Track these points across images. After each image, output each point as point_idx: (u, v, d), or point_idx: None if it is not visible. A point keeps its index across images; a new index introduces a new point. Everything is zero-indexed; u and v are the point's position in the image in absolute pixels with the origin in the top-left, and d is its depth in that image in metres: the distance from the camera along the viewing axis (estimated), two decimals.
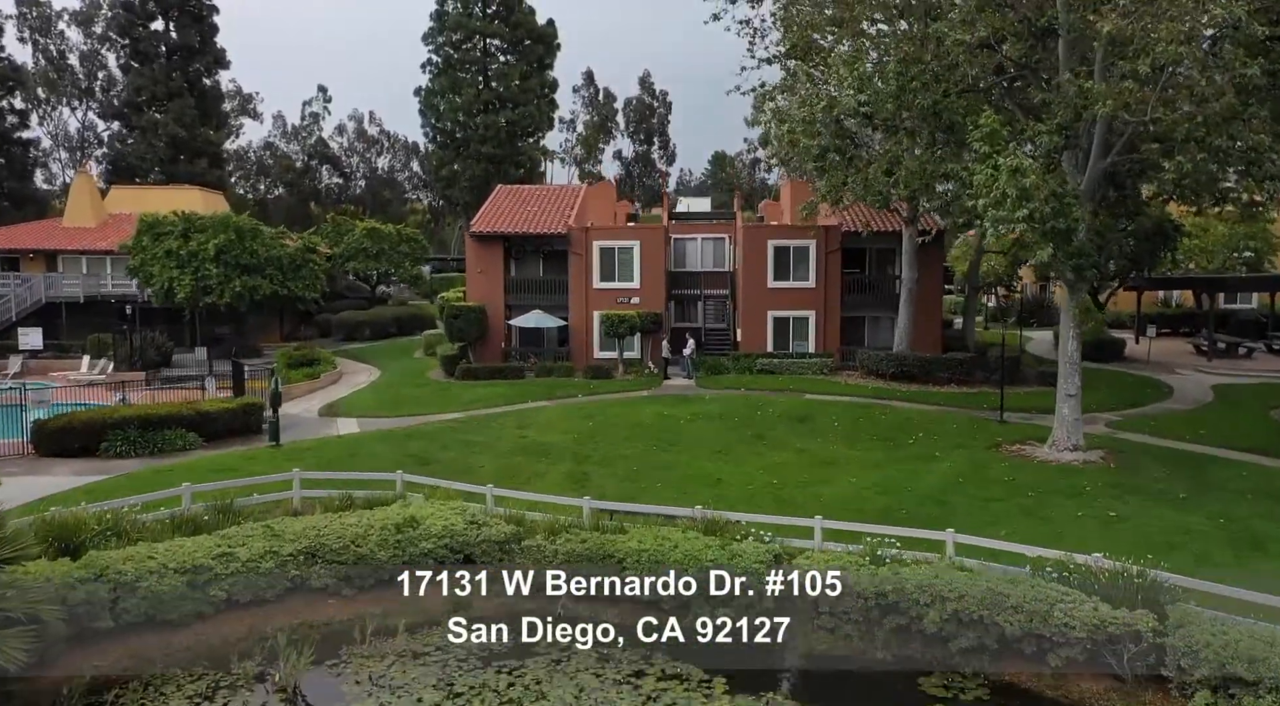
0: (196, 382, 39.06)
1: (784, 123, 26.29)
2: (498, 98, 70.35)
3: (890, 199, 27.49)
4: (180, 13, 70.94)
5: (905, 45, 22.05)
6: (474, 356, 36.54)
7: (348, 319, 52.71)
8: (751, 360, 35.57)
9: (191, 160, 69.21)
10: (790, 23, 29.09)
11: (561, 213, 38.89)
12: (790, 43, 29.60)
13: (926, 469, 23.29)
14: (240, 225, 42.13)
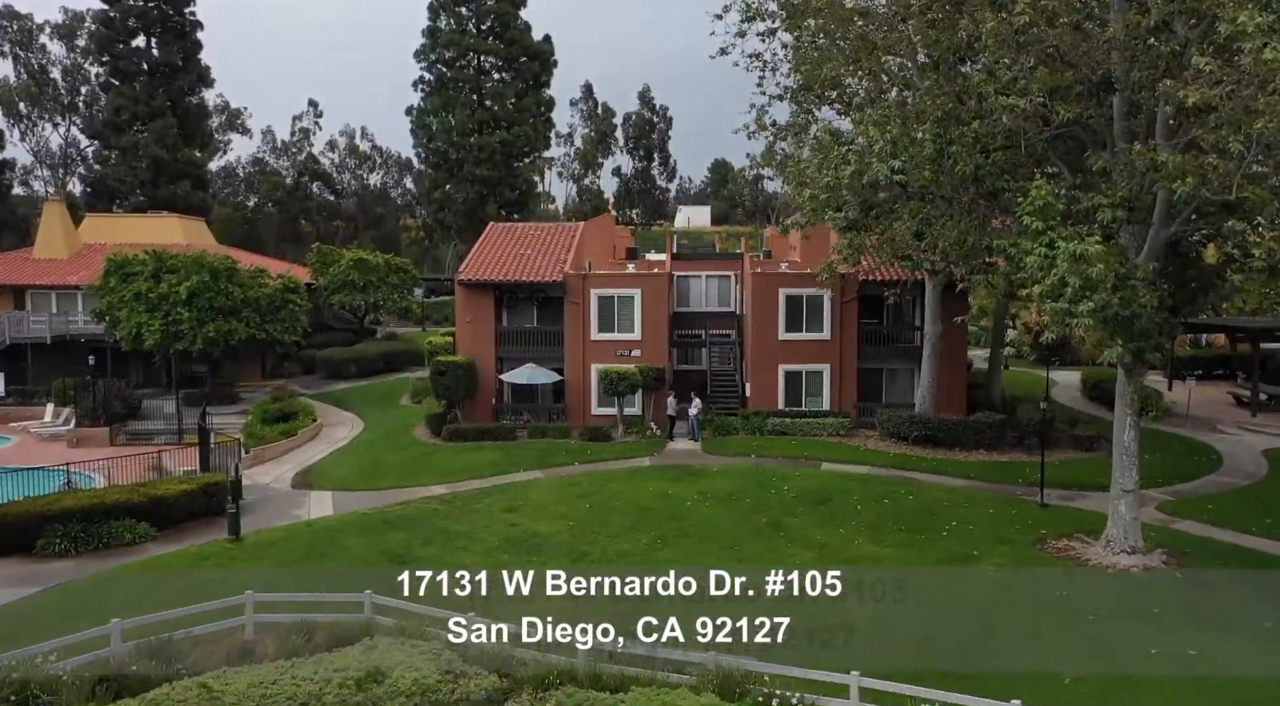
0: (164, 437, 36.59)
1: (804, 187, 23.64)
2: (492, 117, 67.70)
3: (920, 264, 24.84)
4: (163, 29, 68.32)
5: (940, 99, 19.41)
6: (462, 413, 33.87)
7: (333, 356, 50.04)
8: (762, 419, 32.92)
9: (174, 182, 66.50)
10: (803, 59, 26.50)
11: (557, 255, 36.25)
12: (803, 80, 27.03)
13: (965, 576, 20.65)
14: (215, 265, 39.45)
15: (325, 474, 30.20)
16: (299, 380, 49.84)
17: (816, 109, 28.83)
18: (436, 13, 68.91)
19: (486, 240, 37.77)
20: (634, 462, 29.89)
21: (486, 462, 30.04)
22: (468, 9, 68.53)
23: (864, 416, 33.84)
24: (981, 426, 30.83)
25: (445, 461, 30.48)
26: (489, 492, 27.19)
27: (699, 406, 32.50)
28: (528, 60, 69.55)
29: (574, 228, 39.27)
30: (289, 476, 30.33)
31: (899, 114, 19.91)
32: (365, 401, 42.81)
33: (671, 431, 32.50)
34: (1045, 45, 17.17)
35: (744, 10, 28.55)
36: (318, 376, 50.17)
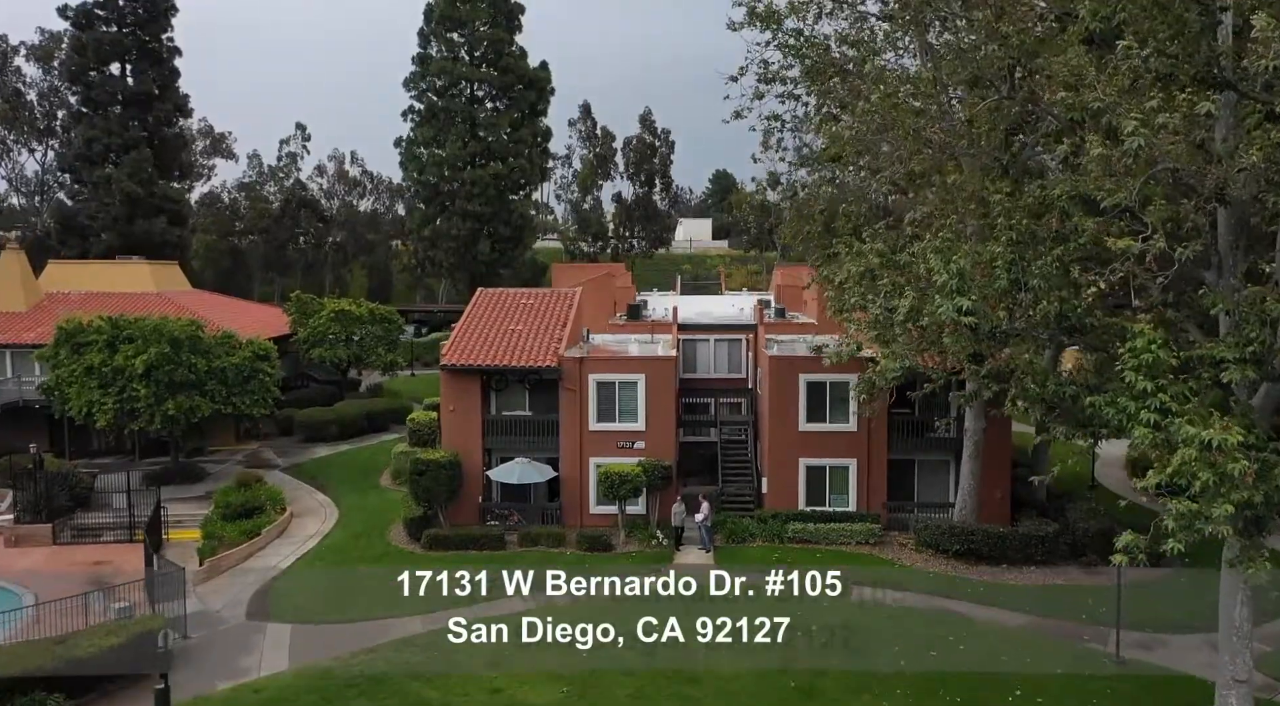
0: (114, 534, 32.95)
1: (843, 313, 20.17)
2: (485, 149, 64.20)
3: (980, 397, 21.23)
4: (138, 56, 64.77)
5: (1017, 216, 15.82)
6: (445, 515, 30.23)
7: (313, 417, 46.37)
8: (781, 524, 29.30)
9: (149, 219, 62.89)
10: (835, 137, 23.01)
11: (551, 331, 32.64)
12: (833, 153, 23.54)
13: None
14: (176, 334, 35.79)
15: (287, 595, 26.57)
16: (275, 442, 46.24)
17: (841, 172, 25.43)
18: (427, 39, 65.54)
19: (473, 313, 34.14)
20: (639, 584, 26.20)
21: (472, 583, 26.37)
22: (459, 35, 65.14)
23: (894, 514, 30.29)
24: (1032, 540, 27.21)
25: (424, 581, 26.79)
26: (473, 630, 23.51)
27: (708, 513, 28.86)
28: (523, 89, 66.13)
29: (570, 295, 35.66)
30: (246, 597, 26.66)
31: (963, 233, 16.40)
32: (343, 477, 39.16)
33: (679, 540, 28.85)
34: (1163, 170, 13.59)
35: (761, 73, 25.18)
36: (295, 439, 46.56)
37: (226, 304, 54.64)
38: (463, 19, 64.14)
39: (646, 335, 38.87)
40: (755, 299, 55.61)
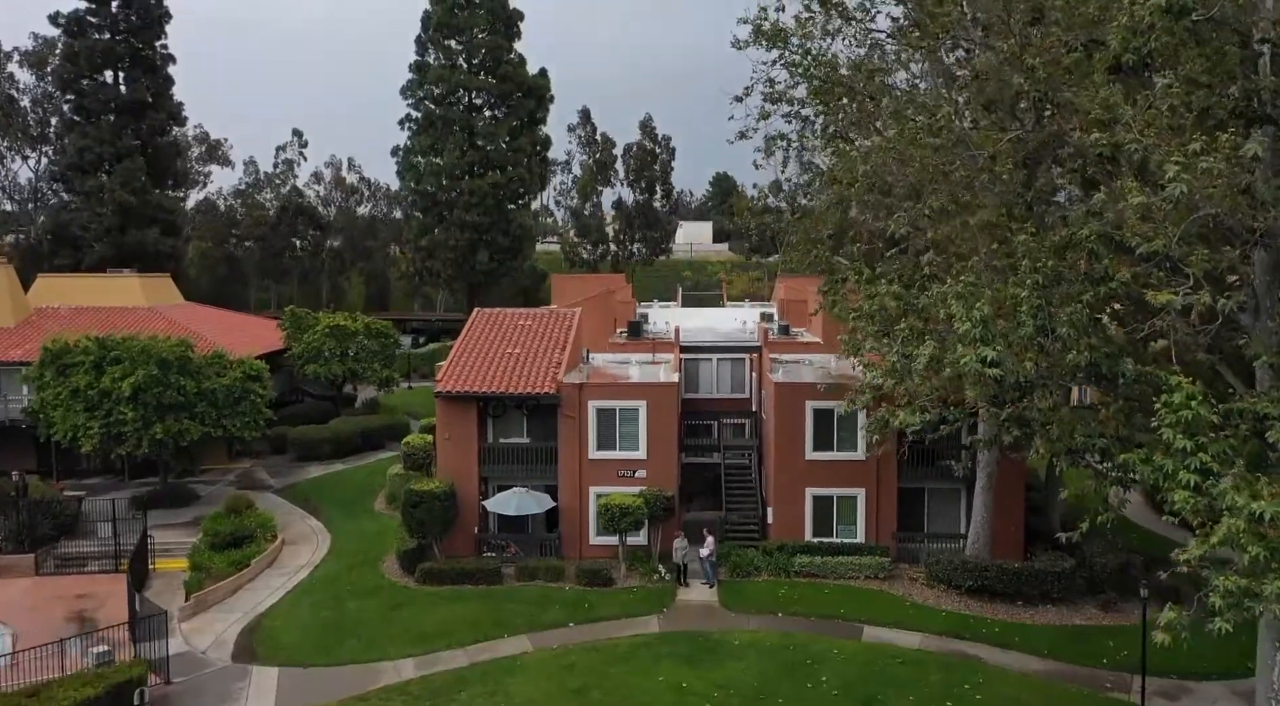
0: (99, 563, 31.94)
1: (857, 352, 19.15)
2: (484, 158, 63.20)
3: (999, 441, 20.24)
4: (131, 64, 63.77)
5: (1042, 257, 14.82)
6: (439, 548, 29.26)
7: (306, 436, 45.40)
8: (787, 556, 28.32)
9: (141, 229, 61.89)
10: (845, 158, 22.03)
11: (550, 354, 31.65)
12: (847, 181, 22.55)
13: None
14: (165, 356, 34.81)
15: (275, 635, 25.55)
16: (268, 461, 45.29)
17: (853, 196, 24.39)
18: (425, 47, 64.58)
19: (469, 335, 33.15)
20: (640, 625, 25.26)
21: (465, 622, 25.43)
22: (457, 42, 64.17)
23: (904, 544, 29.33)
24: (1048, 577, 26.21)
25: (417, 618, 25.85)
26: (466, 679, 22.56)
27: (712, 547, 27.86)
28: (522, 97, 65.13)
29: (569, 316, 34.68)
30: (232, 635, 25.68)
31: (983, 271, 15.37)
32: (336, 500, 38.20)
33: (682, 576, 27.82)
34: (1206, 216, 12.61)
35: (767, 93, 24.22)
36: (288, 457, 45.61)
37: (219, 317, 53.68)
38: (461, 26, 63.18)
39: (648, 354, 37.94)
40: (758, 312, 54.68)
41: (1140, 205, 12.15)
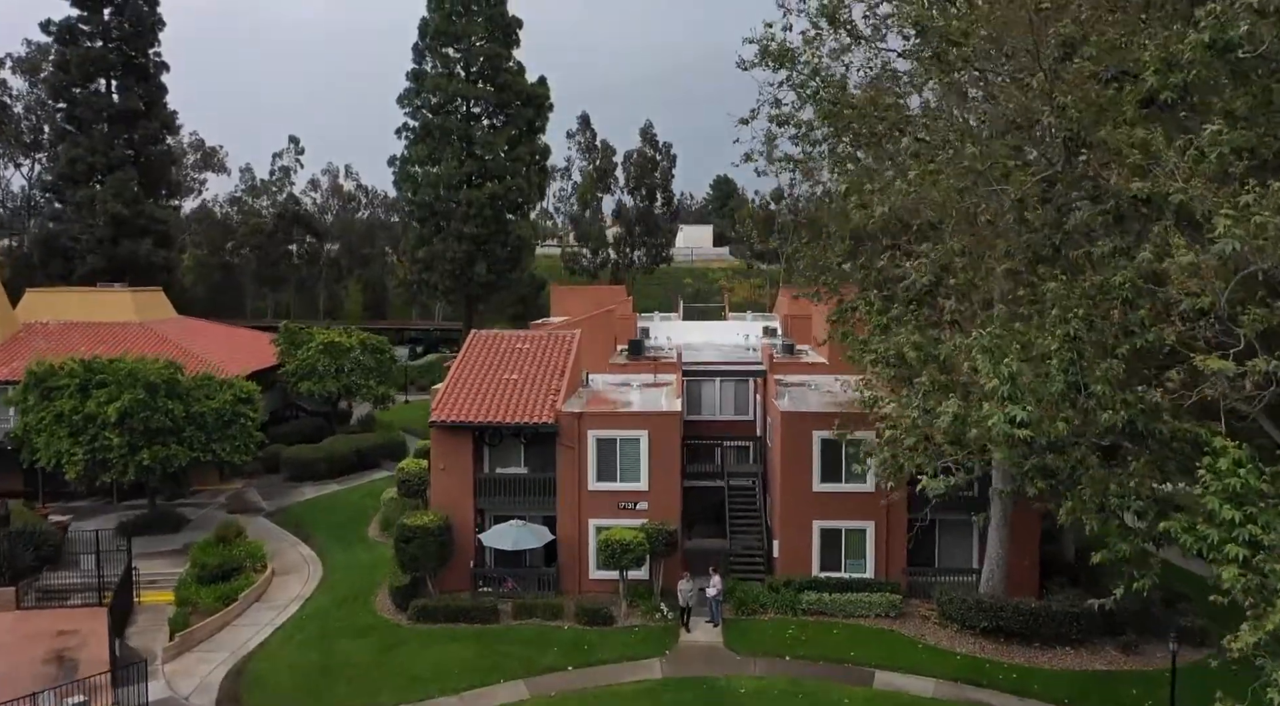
0: (83, 596, 30.92)
1: (874, 404, 18.15)
2: (482, 168, 62.14)
3: (1023, 494, 19.21)
4: (124, 72, 62.78)
5: (1073, 305, 13.82)
6: (433, 583, 28.26)
7: (300, 455, 44.42)
8: (794, 593, 27.32)
9: (134, 240, 60.90)
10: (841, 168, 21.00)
11: (548, 379, 30.66)
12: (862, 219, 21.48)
13: None
14: (152, 379, 33.83)
15: (262, 679, 24.54)
16: (261, 481, 44.29)
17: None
18: (422, 55, 63.53)
19: (465, 360, 32.15)
20: (642, 669, 24.27)
21: (460, 665, 24.43)
22: (455, 50, 63.13)
23: (915, 578, 28.33)
24: (1065, 618, 25.21)
25: (409, 661, 24.85)
26: None
27: (719, 586, 26.85)
28: (521, 105, 64.08)
29: (568, 339, 33.68)
30: (217, 679, 24.70)
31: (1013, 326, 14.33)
32: (329, 526, 37.21)
33: (686, 618, 26.76)
34: (1257, 270, 11.61)
35: (774, 116, 23.23)
36: (281, 477, 44.64)
37: (211, 331, 52.72)
38: (459, 34, 62.17)
39: (649, 375, 37.02)
40: (761, 327, 53.72)
41: (1189, 264, 11.18)
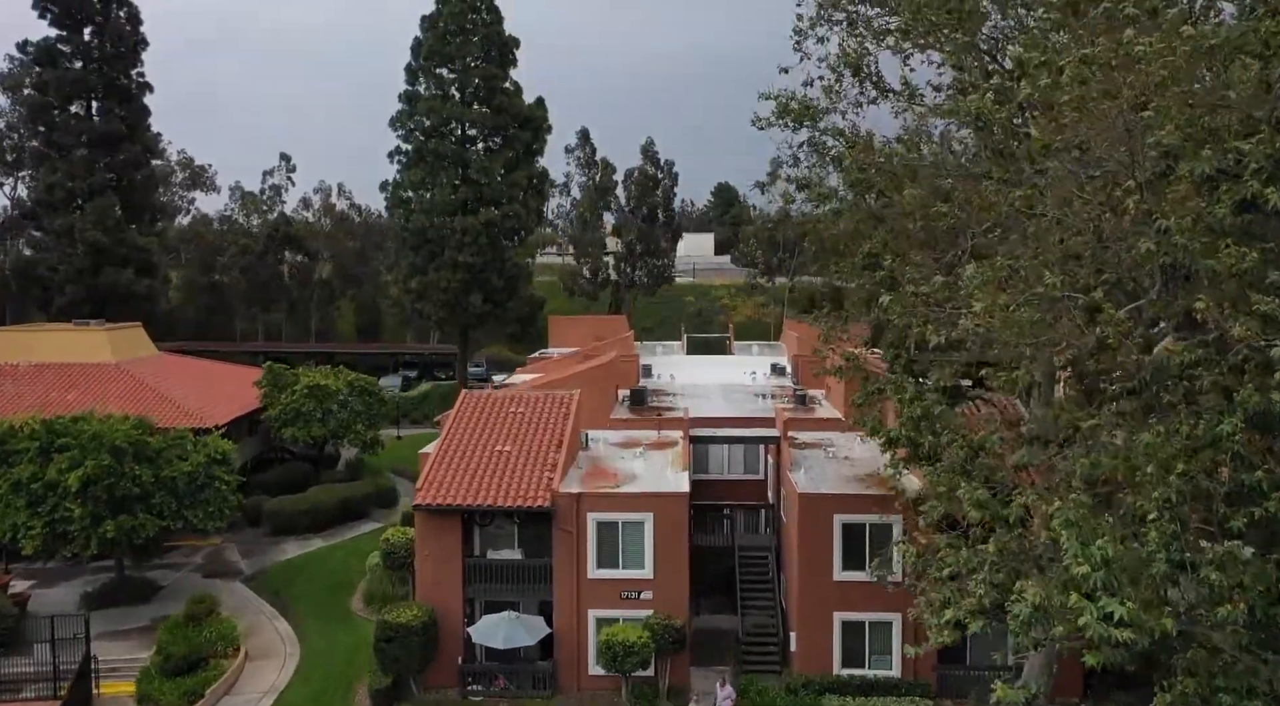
0: (36, 688, 28.46)
1: (921, 574, 15.73)
2: (478, 194, 59.67)
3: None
4: (106, 94, 60.39)
5: (1169, 458, 11.38)
6: (418, 684, 25.80)
7: (284, 508, 42.00)
8: (814, 696, 24.89)
9: (116, 270, 58.44)
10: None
11: (545, 452, 28.20)
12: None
13: None
14: (119, 443, 31.38)
15: None
16: (240, 536, 41.83)
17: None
18: (415, 76, 61.06)
19: (455, 427, 29.68)
20: None
21: None
22: (449, 71, 60.67)
23: (947, 674, 25.88)
24: None
25: None
26: None
27: (732, 697, 24.40)
28: (518, 129, 61.61)
29: (566, 401, 31.22)
30: None
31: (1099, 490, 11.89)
32: (310, 595, 34.78)
33: None
34: None
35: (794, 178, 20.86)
36: (263, 530, 42.18)
37: (192, 370, 50.27)
38: (453, 55, 59.74)
39: (653, 432, 34.70)
40: (769, 363, 51.36)
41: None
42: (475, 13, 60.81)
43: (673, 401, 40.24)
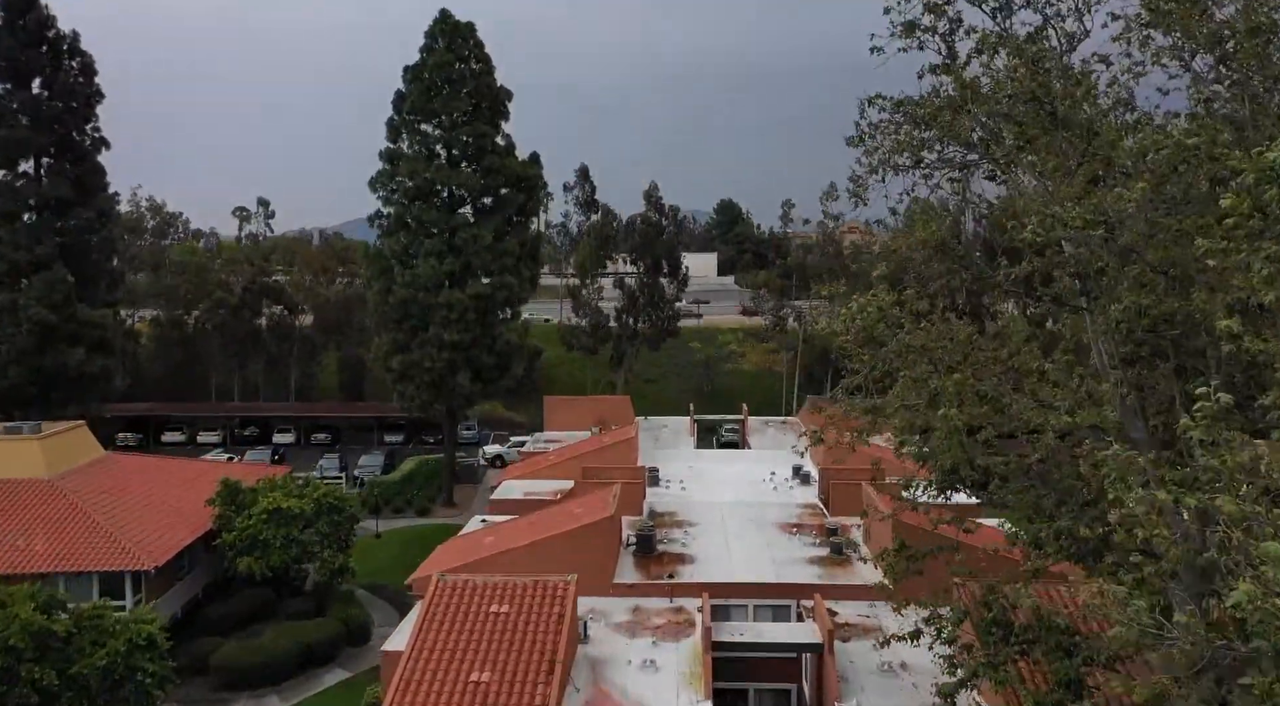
0: None
1: None
2: (466, 265, 54.06)
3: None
4: (57, 153, 54.78)
5: None
6: None
7: (232, 660, 36.24)
8: None
9: (65, 349, 52.77)
10: None
11: (530, 676, 22.50)
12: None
13: None
14: (15, 642, 25.73)
15: None
16: (182, 691, 35.94)
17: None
18: (397, 132, 55.55)
19: (420, 640, 23.87)
20: None
21: None
22: (434, 126, 55.12)
23: None
24: None
25: None
26: None
27: None
28: (511, 191, 56.04)
29: (560, 593, 25.49)
30: None
31: None
32: None
33: None
34: None
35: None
36: (209, 685, 36.44)
37: (140, 478, 44.44)
38: (438, 110, 54.18)
39: (664, 599, 29.25)
40: (790, 467, 45.74)
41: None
42: (463, 62, 55.37)
43: (685, 541, 34.71)
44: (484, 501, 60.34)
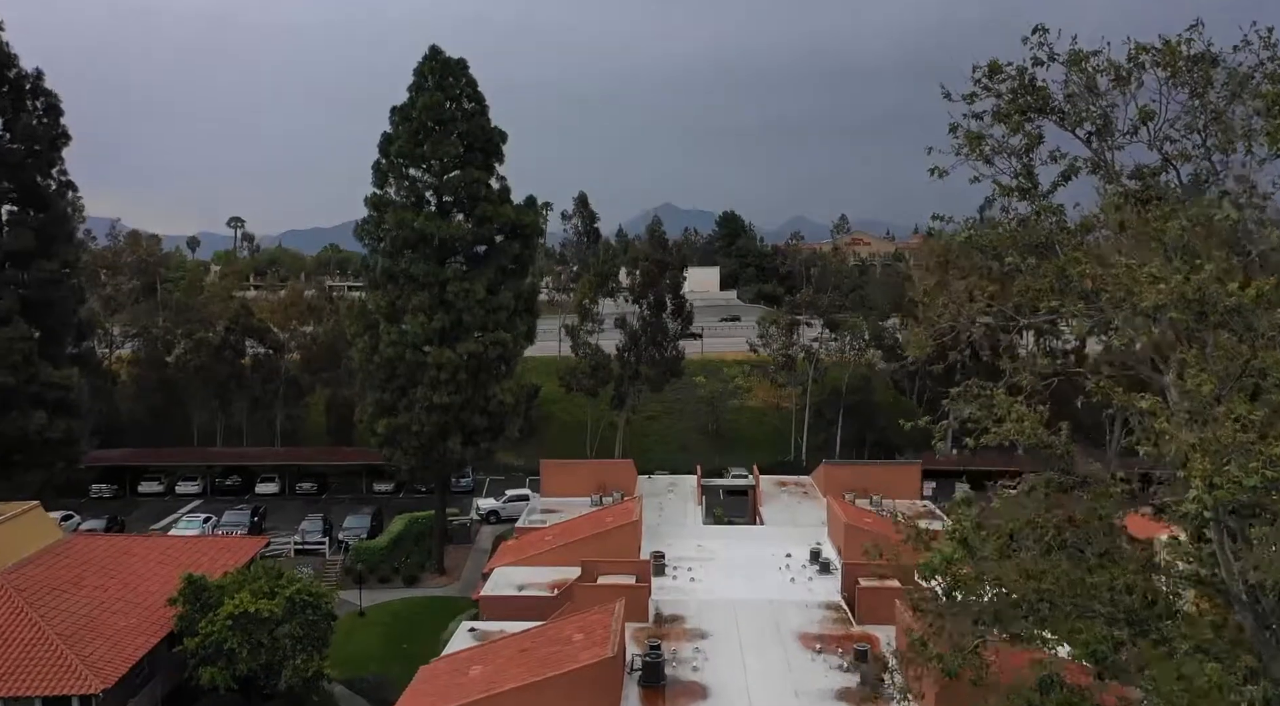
0: None
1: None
2: (457, 320, 50.34)
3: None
4: (20, 202, 51.07)
5: None
6: None
7: None
8: None
9: (25, 414, 49.01)
10: None
11: None
12: None
13: None
14: None
15: None
16: None
17: None
18: (384, 177, 51.82)
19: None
20: None
21: None
22: (423, 171, 51.43)
23: None
24: None
25: None
26: None
27: None
28: (506, 240, 52.35)
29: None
30: None
31: None
32: None
33: None
34: None
35: None
36: None
37: (100, 564, 40.64)
38: (427, 155, 50.47)
39: None
40: (807, 550, 42.06)
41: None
42: (454, 102, 51.63)
43: (697, 662, 30.99)
44: (476, 567, 56.64)
